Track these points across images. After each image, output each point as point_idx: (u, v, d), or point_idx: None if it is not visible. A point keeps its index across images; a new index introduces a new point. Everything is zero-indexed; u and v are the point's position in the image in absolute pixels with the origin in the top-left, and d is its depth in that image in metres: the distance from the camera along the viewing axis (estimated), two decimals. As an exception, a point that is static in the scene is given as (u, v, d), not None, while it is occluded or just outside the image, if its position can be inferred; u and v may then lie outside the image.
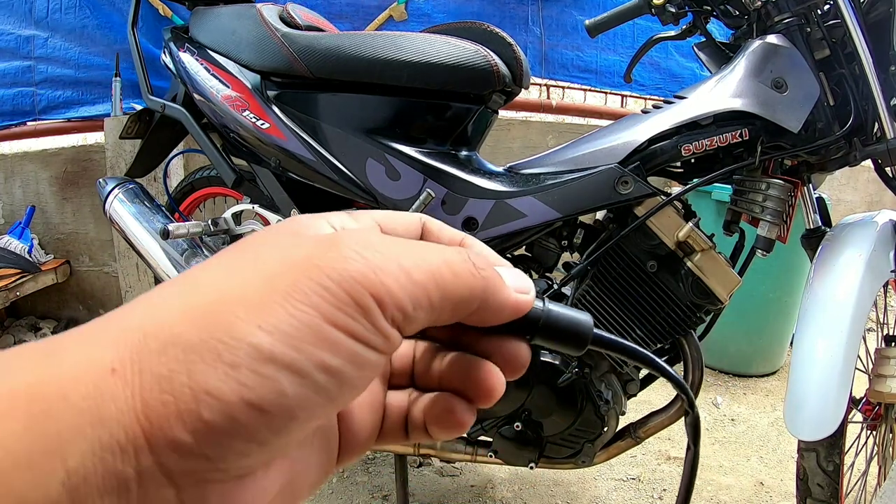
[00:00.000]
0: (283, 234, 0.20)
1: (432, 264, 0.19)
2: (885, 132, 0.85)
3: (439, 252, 0.20)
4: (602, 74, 2.50)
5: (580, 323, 0.24)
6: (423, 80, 1.01)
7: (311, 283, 0.17)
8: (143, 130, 1.43)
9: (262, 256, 0.18)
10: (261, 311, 0.16)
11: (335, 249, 0.18)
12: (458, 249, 0.21)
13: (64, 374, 0.15)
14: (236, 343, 0.15)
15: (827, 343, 0.87)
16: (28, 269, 2.20)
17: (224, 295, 0.16)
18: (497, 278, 0.21)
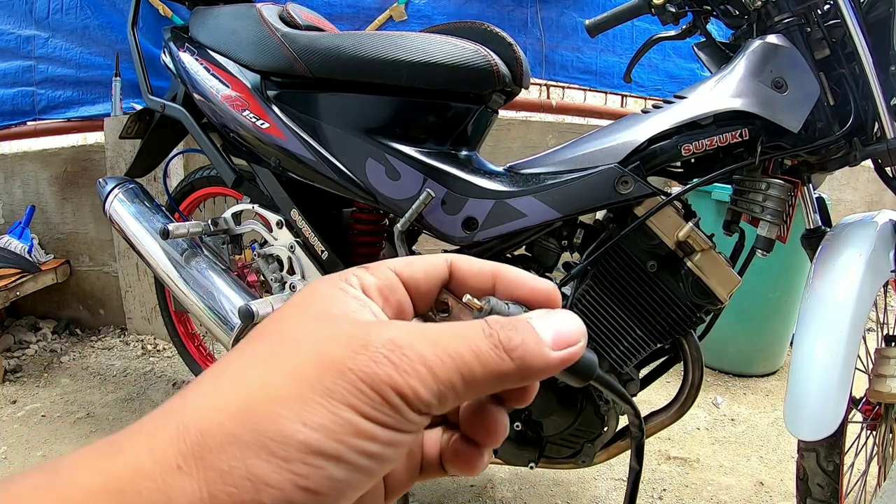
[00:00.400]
0: (313, 318, 0.21)
1: (457, 356, 0.20)
2: (885, 132, 0.85)
3: (465, 341, 0.20)
4: (602, 76, 2.50)
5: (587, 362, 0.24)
6: (423, 79, 1.01)
7: (346, 385, 0.19)
8: (143, 130, 1.43)
9: (297, 351, 0.20)
10: (303, 410, 0.18)
11: (365, 352, 0.19)
12: (488, 332, 0.21)
13: (135, 471, 0.17)
14: (285, 440, 0.18)
15: (827, 343, 0.87)
16: (28, 269, 2.20)
17: (267, 393, 0.18)
18: (533, 350, 0.21)
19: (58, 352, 2.24)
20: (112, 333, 2.41)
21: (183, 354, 1.68)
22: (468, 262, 0.25)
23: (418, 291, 0.25)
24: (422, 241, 1.31)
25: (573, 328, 0.22)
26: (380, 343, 0.20)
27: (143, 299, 2.28)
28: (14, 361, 2.12)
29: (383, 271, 0.24)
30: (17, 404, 1.82)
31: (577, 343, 0.22)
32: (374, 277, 0.24)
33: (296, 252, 1.19)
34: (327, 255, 1.16)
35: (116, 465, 0.17)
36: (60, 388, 1.93)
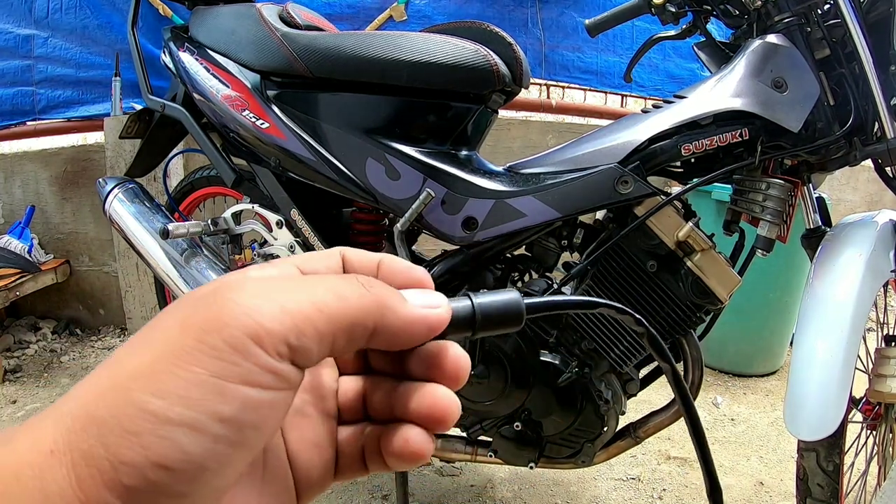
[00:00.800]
0: (187, 299, 0.21)
1: (315, 294, 0.20)
2: (885, 132, 0.85)
3: (325, 281, 0.21)
4: (602, 75, 2.50)
5: (510, 302, 0.25)
6: (423, 79, 1.01)
7: (191, 342, 0.18)
8: (142, 130, 1.43)
9: (158, 328, 0.19)
10: (152, 380, 0.17)
11: (212, 303, 0.19)
12: (350, 276, 0.21)
13: (17, 459, 0.17)
14: (136, 413, 0.17)
15: (827, 343, 0.87)
16: (28, 269, 2.19)
17: (125, 371, 0.18)
18: (393, 297, 0.22)
19: (58, 352, 2.24)
20: (112, 333, 2.41)
21: (183, 354, 1.68)
22: (357, 255, 0.26)
23: None
24: (422, 241, 1.31)
25: (437, 298, 0.23)
26: (228, 290, 0.19)
27: (143, 299, 2.28)
28: (14, 361, 2.12)
29: (287, 268, 0.24)
30: (17, 404, 1.82)
31: (439, 307, 0.23)
32: (277, 271, 0.23)
33: (296, 252, 1.19)
34: (327, 255, 1.16)
35: (5, 453, 0.17)
36: (60, 388, 1.93)
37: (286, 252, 1.20)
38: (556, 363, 0.98)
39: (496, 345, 0.98)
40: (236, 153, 1.26)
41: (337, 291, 0.20)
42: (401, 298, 0.22)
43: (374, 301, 0.21)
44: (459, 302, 0.25)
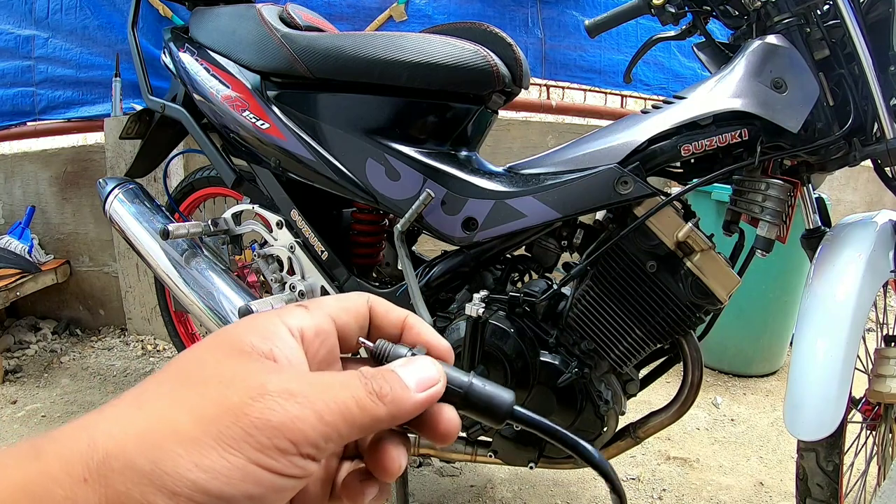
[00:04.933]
0: (226, 354, 0.24)
1: (342, 404, 0.23)
2: (885, 132, 0.85)
3: (348, 390, 0.24)
4: (606, 74, 2.50)
5: (498, 401, 0.28)
6: (422, 80, 1.01)
7: (240, 430, 0.21)
8: (143, 130, 1.43)
9: (202, 389, 0.22)
10: (197, 452, 0.20)
11: (262, 400, 0.22)
12: (364, 381, 0.24)
13: (49, 479, 0.19)
14: (178, 477, 0.20)
15: (827, 343, 0.87)
16: (28, 269, 2.20)
17: (168, 428, 0.21)
18: (401, 395, 0.25)
19: (58, 352, 2.24)
20: (112, 334, 2.41)
21: (183, 354, 1.68)
22: (385, 310, 0.30)
23: (346, 335, 0.29)
24: (422, 241, 1.31)
25: (432, 372, 0.26)
26: (276, 391, 0.22)
27: (143, 299, 2.28)
28: (14, 361, 2.12)
29: (323, 316, 0.28)
30: (17, 404, 1.82)
31: (436, 384, 0.26)
32: (313, 321, 0.27)
33: (296, 252, 1.19)
34: (327, 256, 1.16)
35: (33, 469, 0.19)
36: (60, 388, 1.93)
37: (286, 253, 1.20)
38: (556, 363, 0.98)
39: (496, 345, 0.98)
40: (236, 154, 1.26)
41: (358, 403, 0.24)
42: (409, 394, 0.25)
43: (387, 410, 0.24)
44: (458, 373, 0.28)
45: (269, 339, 0.25)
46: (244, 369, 0.23)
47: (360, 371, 0.25)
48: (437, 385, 0.26)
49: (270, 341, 0.25)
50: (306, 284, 1.17)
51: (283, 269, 1.22)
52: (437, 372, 0.27)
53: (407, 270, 1.03)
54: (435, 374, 0.26)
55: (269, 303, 1.13)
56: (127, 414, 0.21)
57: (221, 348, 0.24)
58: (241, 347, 0.24)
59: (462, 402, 0.27)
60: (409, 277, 1.03)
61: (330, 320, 0.28)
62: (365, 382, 0.24)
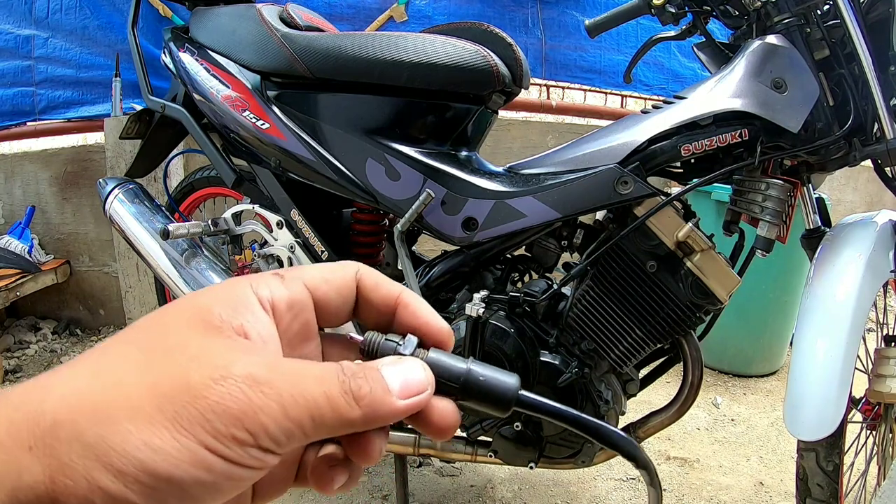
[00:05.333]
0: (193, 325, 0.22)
1: (311, 399, 0.21)
2: (885, 132, 0.85)
3: (321, 385, 0.21)
4: (606, 74, 2.50)
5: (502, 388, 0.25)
6: (422, 80, 1.01)
7: (196, 412, 0.19)
8: (143, 130, 1.43)
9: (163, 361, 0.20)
10: (149, 430, 0.19)
11: (223, 383, 0.20)
12: (342, 378, 0.22)
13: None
14: (125, 455, 0.18)
15: (827, 343, 0.87)
16: (28, 269, 2.20)
17: (122, 400, 0.19)
18: (379, 399, 0.22)
19: (58, 352, 2.24)
20: (112, 334, 2.41)
21: (183, 354, 1.68)
22: (375, 284, 0.27)
23: (327, 308, 0.26)
24: (422, 241, 1.31)
25: (419, 379, 0.24)
26: (240, 375, 0.20)
27: (143, 299, 2.28)
28: (14, 361, 2.12)
29: (298, 286, 0.25)
30: (17, 404, 1.82)
31: (423, 392, 0.24)
32: (287, 291, 0.25)
33: (296, 252, 1.19)
34: (327, 256, 1.16)
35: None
36: (60, 388, 1.93)
37: (286, 253, 1.20)
38: (556, 363, 0.98)
39: (496, 345, 0.98)
40: (236, 154, 1.26)
41: (330, 401, 0.21)
42: (389, 399, 0.23)
43: (361, 414, 0.22)
44: (455, 362, 0.25)
45: (240, 311, 0.23)
46: (210, 345, 0.21)
47: (341, 365, 0.23)
48: (424, 394, 0.24)
49: (242, 315, 0.23)
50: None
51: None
52: (426, 378, 0.24)
53: (407, 270, 1.03)
54: (423, 381, 0.24)
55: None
56: (82, 378, 0.20)
57: (189, 317, 0.22)
58: (210, 319, 0.22)
59: (461, 393, 0.25)
60: (409, 277, 1.03)
61: (306, 292, 0.25)
62: (342, 380, 0.22)
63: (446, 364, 0.25)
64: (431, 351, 0.26)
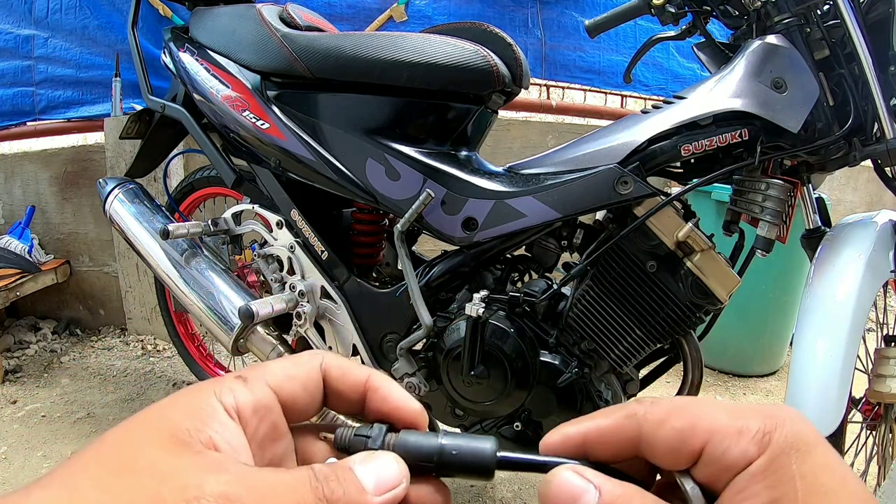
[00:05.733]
0: (160, 443, 0.22)
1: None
2: (885, 132, 0.85)
3: (294, 494, 0.22)
4: (605, 74, 2.50)
5: (479, 456, 0.25)
6: (422, 80, 1.01)
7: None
8: (143, 130, 1.44)
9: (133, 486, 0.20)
10: None
11: (197, 503, 0.20)
12: (314, 484, 0.22)
13: None
14: None
15: (827, 343, 0.87)
16: (28, 269, 2.20)
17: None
18: (355, 501, 0.22)
19: (58, 352, 2.24)
20: (112, 333, 2.41)
21: (183, 355, 1.68)
22: (341, 373, 0.27)
23: (294, 406, 0.26)
24: (422, 241, 1.31)
25: (393, 473, 0.24)
26: (212, 494, 0.20)
27: (143, 299, 2.28)
28: (14, 361, 2.12)
29: (261, 389, 0.25)
30: (17, 404, 1.82)
31: (397, 486, 0.24)
32: (252, 395, 0.25)
33: (296, 252, 1.19)
34: (327, 256, 1.16)
35: None
36: (60, 388, 1.93)
37: (286, 253, 1.20)
38: (556, 363, 0.98)
39: (496, 345, 0.98)
40: (236, 154, 1.26)
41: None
42: (364, 500, 0.23)
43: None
44: (426, 441, 0.25)
45: (207, 423, 0.23)
46: (181, 465, 0.21)
47: (313, 469, 0.23)
48: (399, 488, 0.24)
49: (209, 426, 0.23)
50: (306, 284, 1.17)
51: (283, 269, 1.22)
52: (399, 472, 0.24)
53: (407, 270, 1.03)
54: (396, 476, 0.24)
55: (269, 303, 1.13)
56: (55, 499, 0.20)
57: (158, 435, 0.22)
58: (178, 435, 0.22)
59: (437, 471, 0.25)
60: (409, 277, 1.03)
61: (270, 393, 0.25)
62: (315, 486, 0.22)
63: (417, 445, 0.25)
64: (402, 433, 0.26)
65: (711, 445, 0.22)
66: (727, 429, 0.22)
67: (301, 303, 1.17)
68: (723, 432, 0.22)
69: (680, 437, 0.23)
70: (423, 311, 1.01)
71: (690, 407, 0.23)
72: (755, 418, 0.22)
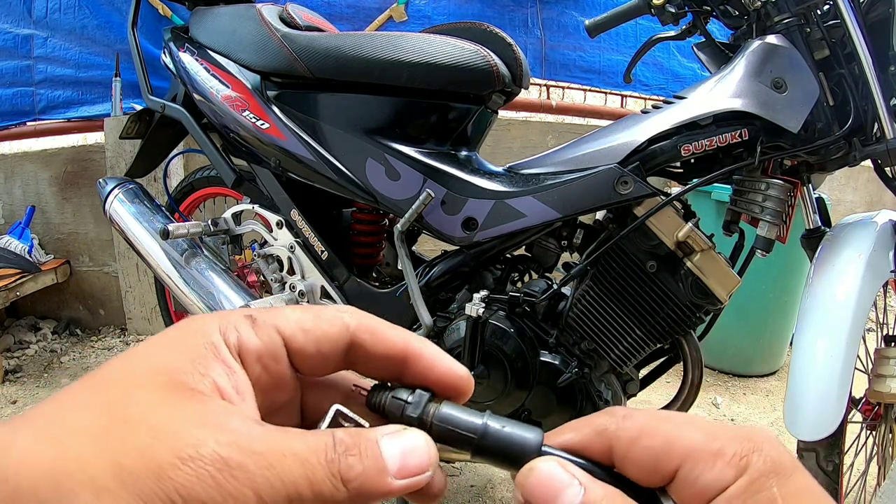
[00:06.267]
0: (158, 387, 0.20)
1: (290, 483, 0.19)
2: (885, 132, 0.85)
3: (303, 466, 0.19)
4: (605, 74, 2.50)
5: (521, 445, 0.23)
6: (422, 80, 1.01)
7: (161, 493, 0.18)
8: (143, 130, 1.43)
9: (127, 432, 0.19)
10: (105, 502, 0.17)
11: (192, 465, 0.18)
12: (330, 457, 0.20)
13: None
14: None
15: (827, 343, 0.87)
16: (28, 269, 2.20)
17: (84, 473, 0.18)
18: (372, 480, 0.20)
19: (58, 352, 2.24)
20: (112, 333, 2.41)
21: (183, 354, 1.68)
22: (373, 335, 0.24)
23: (303, 361, 0.24)
24: (422, 241, 1.31)
25: (422, 456, 0.21)
26: (209, 458, 0.18)
27: (143, 299, 2.28)
28: (14, 361, 2.12)
29: (270, 335, 0.23)
30: (17, 404, 1.82)
31: (423, 472, 0.21)
32: (259, 340, 0.22)
33: (296, 252, 1.19)
34: (327, 256, 1.16)
35: None
36: (60, 388, 1.92)
37: (286, 252, 1.20)
38: (556, 363, 0.98)
39: (496, 345, 0.98)
40: (236, 153, 1.26)
41: (312, 485, 0.19)
42: (383, 480, 0.20)
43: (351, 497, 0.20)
44: (471, 417, 0.23)
45: (210, 364, 0.21)
46: (177, 416, 0.19)
47: (333, 436, 0.20)
48: (423, 475, 0.21)
49: (212, 367, 0.21)
50: (306, 284, 1.17)
51: (283, 269, 1.22)
52: (429, 458, 0.22)
53: (407, 270, 1.03)
54: (425, 460, 0.21)
55: (269, 303, 1.13)
56: (42, 443, 0.19)
57: (155, 377, 0.20)
58: (178, 377, 0.20)
59: (475, 452, 0.23)
60: (409, 277, 1.03)
61: (279, 340, 0.23)
62: (331, 459, 0.20)
63: (460, 420, 0.23)
64: (444, 404, 0.24)
65: (686, 468, 0.21)
66: (702, 452, 0.21)
67: (301, 303, 1.17)
68: (698, 455, 0.21)
69: (653, 458, 0.22)
70: (422, 311, 1.01)
71: (664, 425, 0.22)
72: (732, 441, 0.21)
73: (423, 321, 1.01)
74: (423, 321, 1.01)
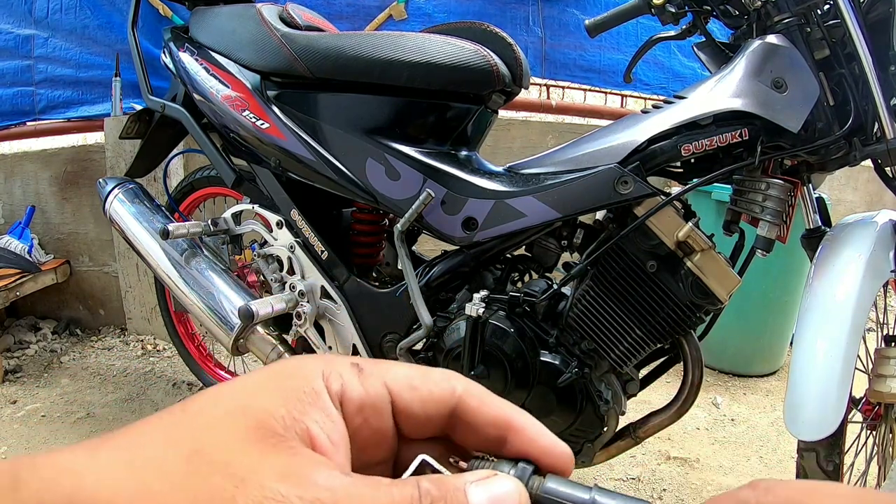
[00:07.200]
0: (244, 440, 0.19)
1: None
2: (885, 132, 0.85)
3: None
4: (606, 74, 2.50)
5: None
6: (422, 80, 1.01)
7: None
8: (143, 130, 1.44)
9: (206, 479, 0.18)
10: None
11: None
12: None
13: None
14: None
15: (827, 343, 0.87)
16: (28, 269, 2.19)
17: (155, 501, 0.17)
18: None
19: (58, 352, 2.24)
20: (112, 333, 2.41)
21: (183, 355, 1.68)
22: (480, 403, 0.23)
23: (409, 420, 0.23)
24: (422, 241, 1.31)
25: (512, 501, 0.20)
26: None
27: (143, 299, 2.28)
28: (14, 361, 2.12)
29: (377, 387, 0.22)
30: (17, 404, 1.82)
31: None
32: (364, 390, 0.21)
33: (296, 252, 1.19)
34: (327, 256, 1.16)
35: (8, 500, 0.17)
36: (60, 388, 1.93)
37: (286, 252, 1.20)
38: (556, 363, 0.98)
39: (496, 345, 0.98)
40: (236, 153, 1.26)
41: None
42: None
43: None
44: (577, 492, 0.22)
45: (307, 410, 0.20)
46: (263, 467, 0.18)
47: (419, 485, 0.19)
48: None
49: (308, 414, 0.20)
50: (306, 284, 1.17)
51: (283, 269, 1.22)
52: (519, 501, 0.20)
53: (407, 270, 1.03)
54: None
55: (269, 303, 1.13)
56: (120, 473, 0.18)
57: (244, 420, 0.19)
58: (266, 423, 0.19)
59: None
60: (409, 277, 1.03)
61: (385, 396, 0.22)
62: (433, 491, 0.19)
63: (566, 495, 0.22)
64: (549, 477, 0.23)
65: None
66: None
67: (301, 303, 1.17)
68: None
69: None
70: (422, 311, 1.01)
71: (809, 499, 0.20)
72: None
73: (423, 321, 1.01)
74: (423, 321, 1.01)
